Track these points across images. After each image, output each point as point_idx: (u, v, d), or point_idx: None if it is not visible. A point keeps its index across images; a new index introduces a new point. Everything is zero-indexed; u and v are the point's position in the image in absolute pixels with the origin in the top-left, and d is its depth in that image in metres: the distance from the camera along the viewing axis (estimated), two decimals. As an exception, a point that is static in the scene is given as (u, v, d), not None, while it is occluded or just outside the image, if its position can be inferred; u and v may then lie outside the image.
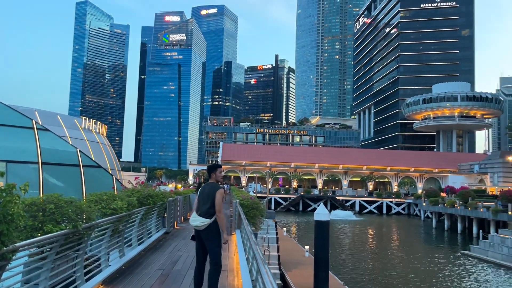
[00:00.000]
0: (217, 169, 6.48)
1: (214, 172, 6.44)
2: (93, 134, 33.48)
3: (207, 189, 6.39)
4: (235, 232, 14.32)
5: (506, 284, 22.63)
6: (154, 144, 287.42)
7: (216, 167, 6.51)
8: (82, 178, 21.00)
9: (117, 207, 7.74)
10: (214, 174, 6.43)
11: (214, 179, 6.44)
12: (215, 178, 6.44)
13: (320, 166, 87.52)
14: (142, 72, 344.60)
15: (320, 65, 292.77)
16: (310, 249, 24.11)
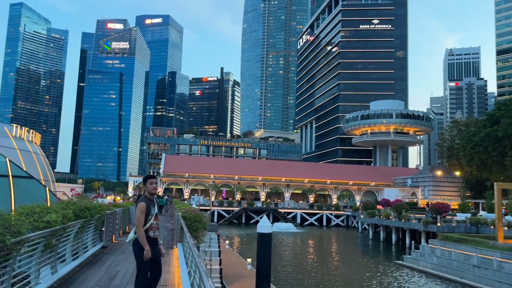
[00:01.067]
0: (147, 180, 6.31)
1: (145, 184, 6.32)
2: (25, 143, 31.47)
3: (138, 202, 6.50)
4: (176, 246, 14.01)
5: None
6: (92, 155, 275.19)
7: (147, 178, 6.34)
8: (11, 189, 19.59)
9: (51, 220, 7.30)
10: (145, 186, 6.32)
11: (146, 191, 6.32)
12: (147, 190, 6.31)
13: (263, 178, 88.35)
14: (81, 79, 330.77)
15: (264, 79, 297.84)
16: (253, 261, 24.14)
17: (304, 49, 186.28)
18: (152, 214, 6.19)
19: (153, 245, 6.13)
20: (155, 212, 6.30)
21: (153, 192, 6.30)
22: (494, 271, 23.07)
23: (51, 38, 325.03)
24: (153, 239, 6.19)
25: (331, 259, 37.91)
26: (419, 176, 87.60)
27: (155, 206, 6.37)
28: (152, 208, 6.21)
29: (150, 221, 6.12)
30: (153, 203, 6.33)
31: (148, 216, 6.11)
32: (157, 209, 6.45)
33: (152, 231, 6.17)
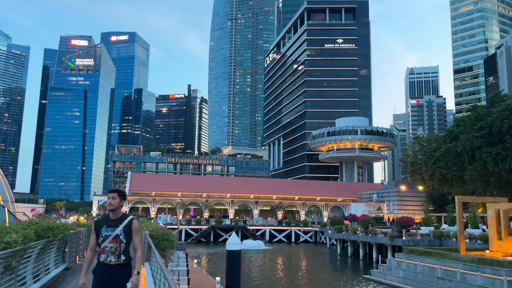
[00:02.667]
0: (107, 195, 5.66)
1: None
2: (-18, 162, 30.08)
3: None
4: (143, 265, 13.66)
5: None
6: (54, 174, 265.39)
7: (107, 192, 5.72)
8: (-34, 211, 18.64)
9: (11, 241, 7.00)
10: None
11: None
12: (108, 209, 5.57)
13: (232, 195, 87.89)
14: (43, 96, 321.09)
15: (232, 97, 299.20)
16: (222, 280, 23.81)
17: (271, 67, 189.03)
18: (105, 235, 5.25)
19: (102, 272, 5.19)
20: (113, 233, 5.27)
21: (109, 208, 5.43)
22: (457, 282, 23.73)
23: (11, 54, 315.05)
24: (105, 264, 5.20)
25: (300, 275, 37.92)
26: (384, 191, 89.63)
27: (111, 225, 5.34)
28: (104, 228, 5.29)
29: (103, 243, 5.24)
30: (107, 221, 5.37)
31: (98, 237, 5.31)
32: (119, 230, 5.32)
33: (105, 255, 5.22)
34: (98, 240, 5.28)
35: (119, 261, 5.21)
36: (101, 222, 5.38)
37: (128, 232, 5.30)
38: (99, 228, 5.31)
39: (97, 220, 5.44)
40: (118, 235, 5.27)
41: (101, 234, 5.26)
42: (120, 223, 5.35)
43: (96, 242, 5.32)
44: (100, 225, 5.33)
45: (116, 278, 5.20)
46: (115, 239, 5.24)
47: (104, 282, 5.14)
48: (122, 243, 5.26)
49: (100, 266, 5.22)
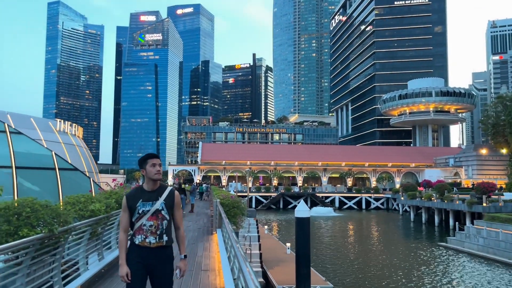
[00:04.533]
0: (147, 161, 4.24)
1: (144, 167, 4.26)
2: (68, 137, 32.79)
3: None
4: (216, 232, 14.27)
5: (481, 273, 23.27)
6: (132, 146, 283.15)
7: (147, 158, 4.28)
8: (58, 181, 20.52)
9: (95, 209, 7.60)
10: (144, 169, 4.25)
11: (146, 176, 4.25)
12: (147, 175, 4.23)
13: (299, 163, 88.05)
14: (118, 73, 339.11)
15: (297, 63, 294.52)
16: (292, 246, 24.25)
17: (337, 30, 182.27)
18: (143, 212, 4.11)
19: (139, 258, 4.06)
20: (152, 208, 4.12)
21: (155, 178, 4.20)
22: (545, 251, 22.08)
23: (88, 34, 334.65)
24: (142, 248, 4.07)
25: (371, 242, 37.48)
26: (462, 155, 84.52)
27: (149, 198, 4.17)
28: (140, 203, 4.13)
29: (140, 220, 4.10)
30: (143, 194, 4.19)
31: (133, 214, 4.14)
32: (160, 203, 4.17)
33: (142, 235, 4.08)
34: (133, 218, 4.13)
35: (161, 242, 4.10)
36: (135, 195, 4.19)
37: (170, 206, 4.19)
38: (134, 203, 4.13)
39: (129, 194, 4.24)
40: (159, 210, 4.13)
41: (136, 210, 4.11)
42: (160, 195, 4.19)
43: (130, 220, 4.17)
44: (134, 199, 4.15)
45: (158, 264, 4.08)
46: (155, 216, 4.11)
47: (143, 270, 4.05)
48: (165, 220, 4.15)
49: (136, 250, 4.08)
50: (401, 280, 21.85)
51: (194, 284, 7.10)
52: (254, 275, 4.04)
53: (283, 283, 17.29)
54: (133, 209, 4.13)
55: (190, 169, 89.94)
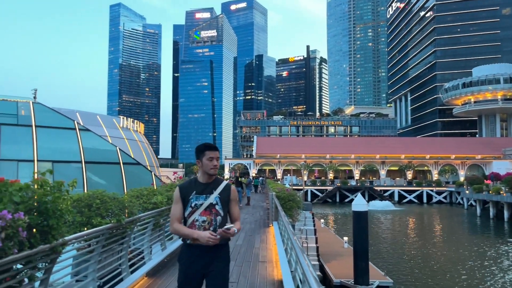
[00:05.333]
0: (204, 153, 3.83)
1: (201, 158, 3.84)
2: (131, 133, 34.46)
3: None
4: (272, 224, 14.40)
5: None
6: (190, 140, 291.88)
7: (204, 149, 3.86)
8: (122, 175, 21.70)
9: (158, 202, 7.98)
10: (200, 161, 3.84)
11: (200, 169, 3.86)
12: (202, 168, 3.83)
13: (356, 156, 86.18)
14: (175, 70, 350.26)
15: (353, 54, 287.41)
16: (349, 240, 23.90)
17: (394, 18, 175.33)
18: (196, 205, 3.71)
19: (193, 258, 3.64)
20: (206, 202, 3.72)
21: (211, 173, 3.79)
22: None
23: (146, 33, 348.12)
24: (195, 247, 3.63)
25: (434, 237, 35.97)
26: (534, 146, 78.49)
27: (203, 191, 3.77)
28: (194, 195, 3.74)
29: (192, 215, 3.69)
30: (196, 186, 3.80)
31: (186, 207, 3.73)
32: (214, 197, 3.76)
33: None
34: (185, 212, 3.72)
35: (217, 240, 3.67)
36: (189, 187, 3.80)
37: (226, 200, 3.79)
38: (187, 194, 3.75)
39: (183, 184, 3.85)
40: (213, 204, 3.74)
41: (189, 203, 3.72)
42: (214, 188, 3.80)
43: (182, 214, 3.74)
44: (187, 191, 3.76)
45: (213, 264, 3.64)
46: (209, 210, 3.72)
47: (198, 273, 3.63)
48: (219, 216, 3.74)
49: (189, 250, 3.66)
50: (465, 277, 20.83)
51: (252, 275, 7.25)
52: (312, 268, 4.06)
53: (341, 277, 17.12)
54: (186, 201, 3.74)
55: (245, 162, 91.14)
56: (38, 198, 3.58)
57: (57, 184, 3.82)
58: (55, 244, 3.73)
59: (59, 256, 4.06)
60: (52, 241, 3.68)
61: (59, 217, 3.71)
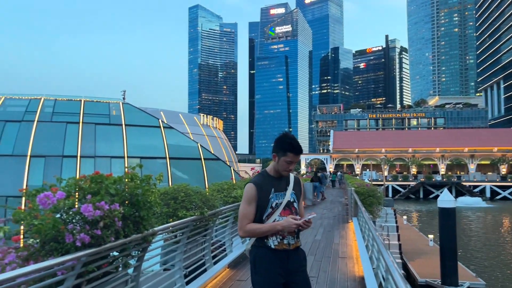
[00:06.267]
0: (286, 154, 3.20)
1: (279, 156, 3.25)
2: (211, 130, 35.78)
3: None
4: (351, 220, 14.10)
5: None
6: (266, 136, 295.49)
7: (286, 149, 3.20)
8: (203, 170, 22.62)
9: (237, 196, 8.19)
10: (277, 158, 3.27)
11: (273, 165, 3.34)
12: (276, 165, 3.30)
13: (441, 150, 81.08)
14: (251, 67, 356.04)
15: (436, 41, 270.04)
16: (435, 238, 22.65)
17: (484, 0, 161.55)
18: (276, 204, 3.18)
19: (278, 262, 3.10)
20: (284, 200, 3.22)
21: (284, 174, 3.27)
22: None
23: (223, 32, 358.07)
24: (280, 252, 3.12)
25: (533, 238, 32.71)
26: None
27: (280, 188, 3.25)
28: (273, 193, 3.20)
29: (271, 217, 3.14)
30: (278, 183, 3.26)
31: (264, 208, 3.15)
32: (290, 194, 3.28)
33: (276, 237, 3.13)
34: (264, 213, 3.15)
35: (298, 242, 3.25)
36: (266, 184, 3.24)
37: (298, 196, 3.36)
38: (266, 193, 3.19)
39: (258, 181, 3.24)
40: (291, 202, 3.25)
41: (269, 203, 3.16)
42: (287, 183, 3.31)
43: (257, 216, 3.16)
44: (266, 189, 3.20)
45: (298, 269, 3.18)
46: (288, 209, 3.22)
47: (282, 281, 3.11)
48: (297, 214, 3.29)
49: (273, 257, 3.10)
50: None
51: (333, 271, 7.16)
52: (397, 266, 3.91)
53: (426, 277, 16.29)
54: (264, 201, 3.15)
55: (322, 157, 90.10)
56: (130, 191, 3.86)
57: (146, 178, 4.09)
58: (146, 233, 4.00)
59: (149, 246, 4.35)
60: (143, 231, 3.95)
61: (148, 209, 3.97)
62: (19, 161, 19.60)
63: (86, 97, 23.13)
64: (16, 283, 2.69)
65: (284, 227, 3.05)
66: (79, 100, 22.79)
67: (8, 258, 3.15)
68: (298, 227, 3.08)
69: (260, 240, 3.16)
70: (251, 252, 3.21)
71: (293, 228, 3.06)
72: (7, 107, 22.12)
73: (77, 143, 20.83)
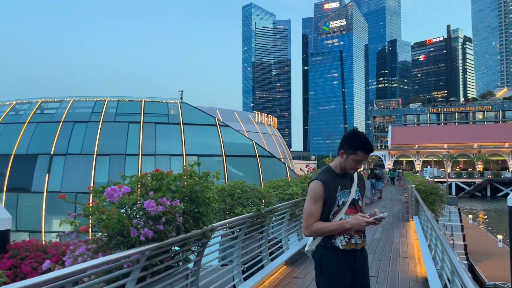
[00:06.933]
0: (356, 152, 3.06)
1: (347, 154, 3.10)
2: (265, 127, 35.97)
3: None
4: (412, 219, 13.60)
5: None
6: (321, 133, 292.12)
7: (359, 148, 3.06)
8: (258, 167, 22.81)
9: (293, 193, 8.16)
10: (345, 155, 3.10)
11: (341, 162, 3.15)
12: (343, 163, 3.13)
13: (511, 145, 75.86)
14: (305, 63, 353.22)
15: (504, 29, 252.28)
16: (504, 239, 21.28)
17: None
18: (343, 203, 3.09)
19: (346, 264, 3.02)
20: (349, 198, 3.13)
21: (349, 172, 3.15)
22: None
23: (277, 30, 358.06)
24: (348, 252, 3.04)
25: None
26: None
27: (345, 185, 3.15)
28: (340, 191, 3.09)
29: (337, 215, 3.06)
30: (343, 180, 3.15)
31: (331, 207, 3.06)
32: (355, 191, 3.19)
33: (344, 236, 3.04)
34: (331, 212, 3.06)
35: (364, 241, 3.16)
36: (333, 181, 3.10)
37: (362, 193, 3.28)
38: (333, 191, 3.08)
39: (324, 178, 3.09)
40: (356, 199, 3.17)
41: (336, 201, 3.06)
42: (351, 180, 3.21)
43: (324, 214, 3.06)
44: (333, 187, 3.08)
45: (362, 269, 3.10)
46: (354, 207, 3.14)
47: (348, 279, 3.02)
48: (361, 212, 3.22)
49: (341, 257, 3.01)
50: None
51: (393, 270, 6.95)
52: (465, 267, 3.70)
53: (495, 280, 15.33)
54: (332, 199, 3.04)
55: (380, 154, 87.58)
56: (189, 187, 3.97)
57: (204, 175, 4.19)
58: (205, 229, 4.10)
59: (208, 241, 4.45)
60: (203, 226, 4.05)
61: (207, 205, 4.06)
62: (86, 160, 20.90)
63: (146, 98, 24.17)
64: (87, 274, 2.88)
65: (353, 225, 2.97)
66: (140, 100, 23.85)
67: (79, 250, 3.38)
68: (368, 225, 3.00)
69: (326, 240, 3.05)
70: (317, 253, 3.11)
71: (362, 226, 2.99)
72: (75, 109, 23.66)
73: (138, 142, 21.83)
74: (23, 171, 20.89)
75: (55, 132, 21.85)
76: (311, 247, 3.18)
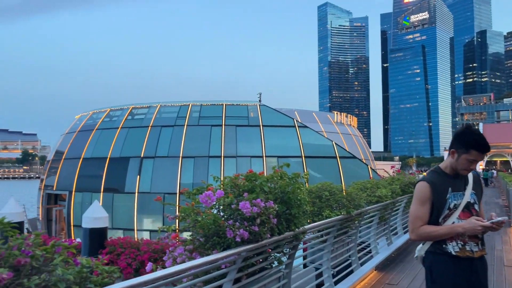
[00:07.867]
0: (470, 151, 2.80)
1: (459, 153, 2.86)
2: (345, 127, 35.13)
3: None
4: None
5: None
6: (403, 132, 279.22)
7: (474, 146, 2.81)
8: (339, 168, 22.31)
9: (382, 195, 7.79)
10: (456, 154, 2.87)
11: (450, 163, 2.93)
12: (453, 163, 2.90)
13: None
14: (384, 60, 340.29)
15: None
16: None
17: None
18: (455, 206, 2.85)
19: (462, 275, 2.76)
20: (463, 201, 2.86)
21: (461, 173, 2.89)
22: None
23: (353, 27, 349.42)
24: (463, 260, 2.78)
25: None
26: None
27: (457, 187, 2.90)
28: (452, 194, 2.86)
29: (449, 219, 2.83)
30: (455, 182, 2.91)
31: (440, 210, 2.85)
32: (470, 194, 2.91)
33: (457, 242, 2.80)
34: (440, 215, 2.85)
35: (484, 249, 2.87)
36: (442, 182, 2.90)
37: (479, 196, 2.97)
38: (442, 193, 2.86)
39: (433, 179, 2.91)
40: (471, 203, 2.89)
41: (446, 204, 2.84)
42: (465, 182, 2.95)
43: (432, 217, 2.87)
44: (442, 189, 2.87)
45: (481, 281, 2.81)
46: (468, 211, 2.86)
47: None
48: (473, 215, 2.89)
49: (454, 265, 2.77)
50: None
51: (498, 280, 6.33)
52: None
53: None
54: (440, 202, 2.83)
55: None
56: (281, 189, 3.92)
57: (294, 176, 4.11)
58: (297, 231, 4.02)
59: (299, 243, 4.37)
60: (294, 229, 3.97)
61: (299, 207, 3.97)
62: (173, 162, 22.01)
63: (227, 101, 24.85)
64: (188, 274, 2.96)
65: (466, 230, 2.71)
66: (221, 104, 24.58)
67: (177, 250, 3.48)
68: (484, 230, 2.68)
69: (437, 245, 2.84)
70: (426, 259, 2.92)
71: (477, 231, 2.70)
72: (162, 114, 25.06)
73: (220, 144, 22.50)
74: (117, 173, 22.59)
75: (145, 136, 23.32)
76: (420, 253, 2.99)
